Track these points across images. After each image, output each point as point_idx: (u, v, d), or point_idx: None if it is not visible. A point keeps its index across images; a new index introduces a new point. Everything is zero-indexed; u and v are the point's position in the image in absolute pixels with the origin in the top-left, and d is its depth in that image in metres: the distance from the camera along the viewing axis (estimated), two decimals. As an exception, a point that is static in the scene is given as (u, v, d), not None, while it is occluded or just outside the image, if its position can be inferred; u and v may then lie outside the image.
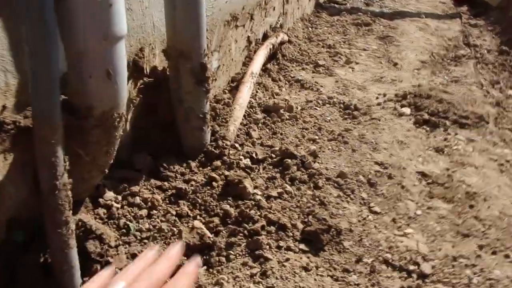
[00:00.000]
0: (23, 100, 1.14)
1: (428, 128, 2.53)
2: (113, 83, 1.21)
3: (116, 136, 1.34)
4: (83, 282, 1.28)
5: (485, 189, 2.03)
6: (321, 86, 2.87)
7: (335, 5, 4.69)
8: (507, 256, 1.68)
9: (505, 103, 3.17)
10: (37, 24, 0.99)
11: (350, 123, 2.48)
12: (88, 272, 1.30)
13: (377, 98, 2.83)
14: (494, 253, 1.69)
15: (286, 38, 3.17)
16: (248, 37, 2.77)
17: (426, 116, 2.60)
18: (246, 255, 1.49)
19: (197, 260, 0.67)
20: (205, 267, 1.44)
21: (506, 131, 2.80)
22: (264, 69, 2.82)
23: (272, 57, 2.94)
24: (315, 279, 1.45)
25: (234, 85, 2.47)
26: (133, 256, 1.40)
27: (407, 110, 2.68)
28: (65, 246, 1.20)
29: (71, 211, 1.22)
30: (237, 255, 1.49)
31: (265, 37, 3.02)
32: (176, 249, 0.65)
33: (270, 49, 2.79)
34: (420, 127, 2.54)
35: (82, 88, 1.19)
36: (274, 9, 3.20)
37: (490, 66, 3.81)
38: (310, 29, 3.88)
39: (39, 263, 1.26)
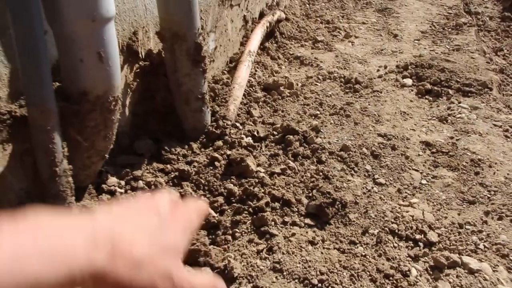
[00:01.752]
0: (17, 89, 1.13)
1: (430, 98, 2.52)
2: (105, 65, 1.20)
3: (113, 119, 1.33)
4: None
5: (490, 156, 2.02)
6: (321, 62, 2.85)
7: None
8: (513, 221, 1.68)
9: (509, 70, 3.16)
10: (21, 10, 0.98)
11: (351, 96, 2.46)
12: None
13: (378, 70, 2.81)
14: (500, 218, 1.69)
15: (283, 15, 3.13)
16: (244, 16, 2.74)
17: (429, 86, 2.58)
18: (252, 232, 1.49)
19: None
20: (212, 246, 1.44)
21: (511, 97, 2.78)
22: (263, 48, 2.80)
23: (269, 35, 2.91)
24: (321, 253, 1.45)
25: (233, 66, 2.45)
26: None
27: (408, 81, 2.66)
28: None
29: (73, 197, 1.22)
30: (243, 232, 1.49)
31: (262, 15, 2.98)
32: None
33: (267, 27, 2.75)
34: (422, 97, 2.53)
35: (74, 73, 1.18)
36: (269, -14, 3.16)
37: (493, 33, 3.79)
38: (307, 5, 3.83)
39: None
